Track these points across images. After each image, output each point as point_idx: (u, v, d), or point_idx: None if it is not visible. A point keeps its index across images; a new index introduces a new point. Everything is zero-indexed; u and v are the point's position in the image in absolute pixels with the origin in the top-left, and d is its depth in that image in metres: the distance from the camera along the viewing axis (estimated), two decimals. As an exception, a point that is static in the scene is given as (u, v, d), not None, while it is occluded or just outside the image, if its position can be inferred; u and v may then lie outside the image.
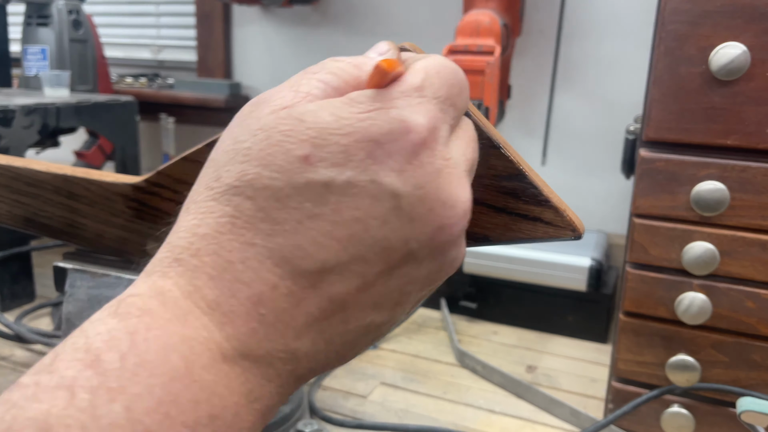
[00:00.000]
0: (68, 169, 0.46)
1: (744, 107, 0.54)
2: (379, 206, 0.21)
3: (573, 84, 1.08)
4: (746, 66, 0.52)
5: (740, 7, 0.52)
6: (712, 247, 0.56)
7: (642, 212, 0.59)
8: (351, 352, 0.24)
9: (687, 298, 0.58)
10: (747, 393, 0.55)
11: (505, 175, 0.39)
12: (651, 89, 0.56)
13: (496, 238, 0.41)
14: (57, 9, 1.19)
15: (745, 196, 0.55)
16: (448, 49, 0.82)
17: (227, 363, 0.21)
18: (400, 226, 0.22)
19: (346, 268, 0.22)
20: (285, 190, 0.21)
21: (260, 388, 0.22)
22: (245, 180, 0.22)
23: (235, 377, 0.21)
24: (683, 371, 0.60)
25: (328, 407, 0.71)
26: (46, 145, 1.18)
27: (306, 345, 0.22)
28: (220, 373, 0.20)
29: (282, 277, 0.21)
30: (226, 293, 0.21)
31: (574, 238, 0.40)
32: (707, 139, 0.55)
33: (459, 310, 0.96)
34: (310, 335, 0.22)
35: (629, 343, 0.62)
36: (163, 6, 1.54)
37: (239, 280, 0.21)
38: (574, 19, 1.06)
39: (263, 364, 0.21)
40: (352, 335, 0.23)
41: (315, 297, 0.22)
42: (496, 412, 0.71)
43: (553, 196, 0.40)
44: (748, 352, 0.58)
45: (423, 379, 0.78)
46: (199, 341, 0.20)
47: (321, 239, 0.21)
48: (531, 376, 0.79)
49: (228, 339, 0.21)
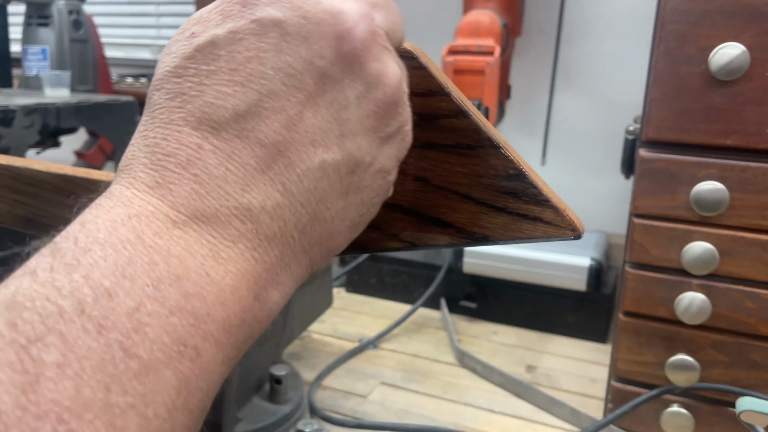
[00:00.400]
0: (69, 169, 0.47)
1: (744, 107, 0.54)
2: (267, 39, 0.22)
3: (573, 84, 1.08)
4: (746, 66, 0.52)
5: (740, 7, 0.52)
6: (711, 247, 0.56)
7: (642, 212, 0.59)
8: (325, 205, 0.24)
9: (686, 298, 0.58)
10: (746, 393, 0.55)
11: (505, 175, 0.39)
12: (651, 89, 0.56)
13: (496, 238, 0.41)
14: (57, 9, 1.19)
15: (744, 196, 0.55)
16: (448, 50, 0.82)
17: (179, 227, 0.21)
18: (296, 47, 0.22)
19: (260, 107, 0.22)
20: (181, 64, 0.23)
21: (227, 249, 0.22)
22: (156, 76, 0.23)
23: (192, 239, 0.21)
24: (683, 371, 0.60)
25: (328, 407, 0.71)
26: (46, 145, 1.19)
27: (258, 198, 0.22)
28: (173, 237, 0.21)
29: (203, 137, 0.22)
30: (159, 170, 0.22)
31: (573, 237, 0.40)
32: (707, 139, 0.55)
33: (459, 310, 0.96)
34: (258, 187, 0.22)
35: (629, 343, 0.62)
36: (163, 6, 1.54)
37: (168, 154, 0.22)
38: (574, 20, 1.06)
39: (218, 223, 0.22)
40: (308, 181, 0.23)
41: (244, 146, 0.22)
42: (495, 412, 0.71)
43: (553, 195, 0.40)
44: (747, 351, 0.58)
45: (423, 378, 0.78)
46: (145, 215, 0.21)
47: (224, 89, 0.22)
48: (531, 376, 0.79)
49: (173, 206, 0.21)
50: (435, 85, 0.40)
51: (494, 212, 0.40)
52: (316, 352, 0.84)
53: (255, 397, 0.64)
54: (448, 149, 0.40)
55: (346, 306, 0.99)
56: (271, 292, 0.23)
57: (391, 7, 0.26)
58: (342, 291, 1.04)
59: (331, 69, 0.23)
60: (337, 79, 0.23)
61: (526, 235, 0.40)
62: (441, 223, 0.42)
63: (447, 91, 0.40)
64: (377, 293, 1.02)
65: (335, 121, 0.23)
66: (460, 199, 0.41)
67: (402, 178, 0.42)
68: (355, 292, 1.03)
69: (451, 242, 0.42)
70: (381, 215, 0.44)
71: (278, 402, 0.64)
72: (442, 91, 0.40)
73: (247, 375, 0.62)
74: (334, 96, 0.23)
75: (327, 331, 0.90)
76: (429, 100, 0.40)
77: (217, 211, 0.22)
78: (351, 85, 0.23)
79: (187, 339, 0.20)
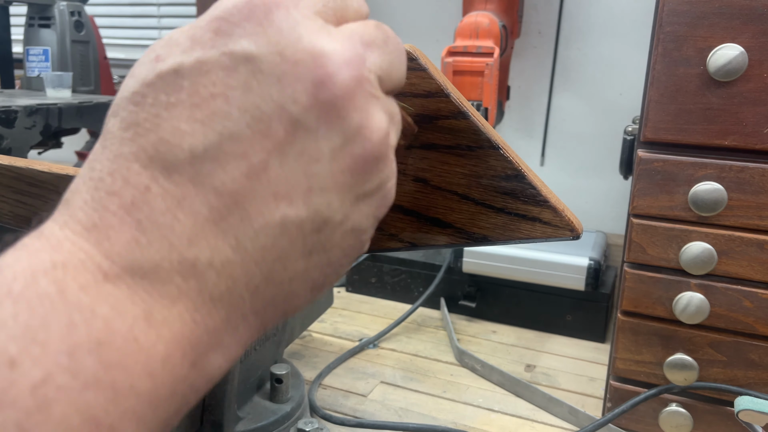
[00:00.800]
0: (71, 169, 0.47)
1: (742, 108, 0.54)
2: (236, 75, 0.20)
3: (571, 85, 1.09)
4: (744, 67, 0.53)
5: (738, 8, 0.52)
6: (709, 246, 0.57)
7: (640, 212, 0.59)
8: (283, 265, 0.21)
9: (685, 298, 0.58)
10: (745, 392, 0.56)
11: (504, 176, 0.39)
12: (649, 90, 0.57)
13: (495, 238, 0.41)
14: (59, 10, 1.19)
15: (742, 196, 0.55)
16: (447, 51, 0.83)
17: (111, 282, 0.18)
18: (267, 88, 0.20)
19: (220, 151, 0.19)
20: (140, 90, 0.20)
21: (163, 310, 0.19)
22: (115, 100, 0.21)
23: (124, 297, 0.18)
24: (681, 370, 0.60)
25: (328, 406, 0.71)
26: (48, 146, 1.19)
27: (206, 252, 0.19)
28: (102, 293, 0.18)
29: (153, 177, 0.19)
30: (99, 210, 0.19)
31: (572, 238, 0.41)
32: (705, 140, 0.56)
33: (458, 310, 0.96)
34: (207, 240, 0.19)
35: (627, 343, 0.62)
36: (164, 7, 1.55)
37: (111, 193, 0.19)
38: (573, 21, 1.06)
39: (157, 280, 0.19)
40: (265, 238, 0.20)
41: (197, 193, 0.19)
42: (495, 411, 0.72)
43: (552, 196, 0.40)
44: (745, 351, 0.58)
45: (423, 378, 0.78)
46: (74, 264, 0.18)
47: (182, 125, 0.19)
48: (530, 375, 0.80)
49: (108, 255, 0.19)
50: (434, 86, 0.40)
51: (493, 212, 0.41)
52: (316, 352, 0.84)
53: (256, 396, 0.65)
54: (448, 150, 0.40)
55: (346, 305, 0.99)
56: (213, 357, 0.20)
57: (391, 46, 0.23)
58: (342, 291, 1.04)
59: (305, 116, 0.20)
60: (310, 128, 0.20)
61: (525, 235, 0.41)
62: (440, 224, 0.42)
63: (446, 92, 0.40)
64: (377, 293, 1.02)
65: (304, 174, 0.20)
66: (459, 200, 0.41)
67: (402, 179, 0.43)
68: (355, 291, 1.04)
69: (450, 242, 0.42)
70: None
71: (279, 401, 0.64)
72: (441, 93, 0.40)
73: (248, 374, 0.63)
74: (305, 146, 0.20)
75: (327, 331, 0.91)
76: (428, 102, 0.40)
77: (158, 265, 0.19)
78: (326, 136, 0.20)
79: (102, 417, 0.17)
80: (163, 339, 0.19)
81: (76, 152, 1.33)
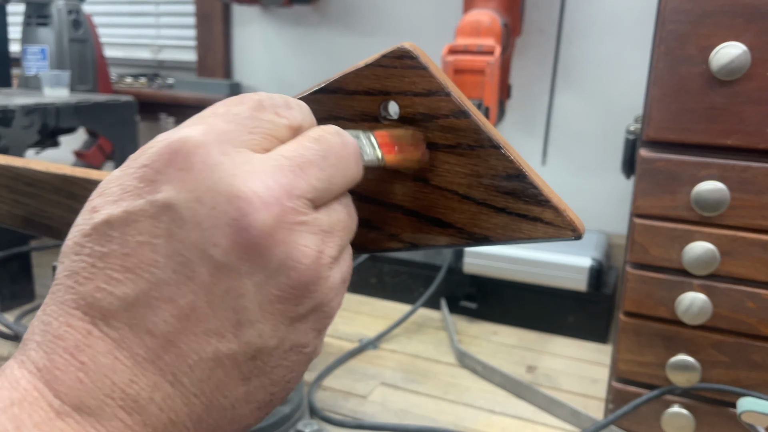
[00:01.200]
0: (68, 169, 0.46)
1: (744, 107, 0.53)
2: (159, 223, 0.21)
3: (573, 84, 1.08)
4: (746, 66, 0.52)
5: (740, 7, 0.52)
6: (712, 247, 0.56)
7: (642, 212, 0.59)
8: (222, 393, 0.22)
9: (687, 299, 0.58)
10: (747, 393, 0.55)
11: (505, 176, 0.39)
12: (651, 89, 0.56)
13: (496, 239, 0.41)
14: (57, 9, 1.19)
15: (745, 196, 0.55)
16: (448, 49, 0.82)
17: (61, 418, 0.20)
18: (188, 235, 0.21)
19: (150, 297, 0.21)
20: (79, 241, 0.22)
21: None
22: (65, 244, 0.23)
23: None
24: (683, 371, 0.59)
25: (328, 407, 0.71)
26: (45, 145, 1.18)
27: (146, 389, 0.21)
28: (55, 429, 0.20)
29: (93, 323, 0.21)
30: (49, 352, 0.21)
31: (574, 238, 0.40)
32: (707, 139, 0.55)
33: (459, 311, 0.96)
34: (147, 377, 0.21)
35: (629, 344, 0.62)
36: (162, 6, 1.54)
37: (57, 337, 0.21)
38: (574, 19, 1.06)
39: (103, 416, 0.21)
40: (200, 372, 0.22)
41: (134, 335, 0.21)
42: (496, 413, 0.71)
43: (553, 196, 0.40)
44: (748, 352, 0.58)
45: (423, 379, 0.78)
46: (29, 401, 0.20)
47: (115, 275, 0.21)
48: (531, 377, 0.79)
49: (58, 395, 0.20)
50: (435, 85, 0.40)
51: (494, 212, 0.40)
52: (315, 353, 0.84)
53: (255, 398, 0.64)
54: (448, 149, 0.40)
55: (346, 306, 0.99)
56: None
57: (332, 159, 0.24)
58: (342, 291, 1.04)
59: (226, 258, 0.21)
60: (233, 268, 0.21)
61: (526, 236, 0.40)
62: (441, 224, 0.42)
63: (447, 91, 0.39)
64: (377, 293, 1.02)
65: (231, 310, 0.22)
66: (460, 200, 0.40)
67: (402, 178, 0.42)
68: (355, 292, 1.03)
69: (451, 242, 0.42)
70: (381, 215, 0.44)
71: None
72: (442, 91, 0.39)
73: (247, 375, 0.62)
74: (229, 285, 0.21)
75: (327, 332, 0.90)
76: (429, 100, 0.39)
77: (102, 402, 0.21)
78: (249, 274, 0.21)
79: None
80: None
81: (74, 151, 1.33)
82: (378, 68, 0.40)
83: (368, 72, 0.41)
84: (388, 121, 0.41)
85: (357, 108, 0.42)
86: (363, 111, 0.41)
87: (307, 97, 0.43)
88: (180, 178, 0.21)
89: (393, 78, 0.40)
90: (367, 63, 0.41)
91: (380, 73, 0.40)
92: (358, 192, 0.43)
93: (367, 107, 0.41)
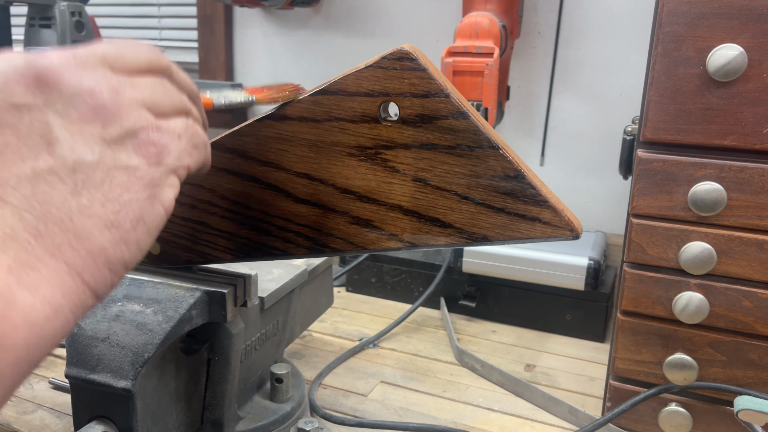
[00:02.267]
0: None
1: (741, 108, 0.54)
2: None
3: (571, 85, 1.09)
4: (743, 67, 0.53)
5: (737, 8, 0.52)
6: (709, 246, 0.57)
7: (639, 212, 0.59)
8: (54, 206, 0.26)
9: (684, 298, 0.58)
10: (744, 392, 0.56)
11: (504, 176, 0.39)
12: (648, 90, 0.57)
13: (494, 238, 0.41)
14: (59, 11, 1.19)
15: (742, 196, 0.55)
16: (447, 51, 0.83)
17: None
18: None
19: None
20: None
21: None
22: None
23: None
24: (681, 370, 0.60)
25: (328, 405, 0.71)
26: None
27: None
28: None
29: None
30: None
31: (572, 237, 0.41)
32: (704, 140, 0.56)
33: (458, 309, 0.96)
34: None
35: (627, 342, 0.62)
36: (164, 8, 1.55)
37: None
38: (573, 21, 1.07)
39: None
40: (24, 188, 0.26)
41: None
42: (495, 410, 0.72)
43: (552, 196, 0.40)
44: (745, 350, 0.58)
45: (422, 377, 0.79)
46: None
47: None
48: (530, 375, 0.80)
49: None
50: (434, 86, 0.40)
51: (493, 212, 0.41)
52: (316, 351, 0.84)
53: (256, 396, 0.65)
54: (447, 150, 0.40)
55: (346, 305, 0.99)
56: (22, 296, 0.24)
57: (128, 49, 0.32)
58: (342, 290, 1.04)
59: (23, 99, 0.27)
60: (31, 105, 0.27)
61: (524, 235, 0.41)
62: (440, 223, 0.42)
63: (446, 92, 0.40)
64: (377, 293, 1.02)
65: (39, 135, 0.27)
66: (459, 200, 0.41)
67: (402, 179, 0.43)
68: (355, 291, 1.04)
69: (450, 242, 0.42)
70: (381, 215, 0.44)
71: (279, 400, 0.64)
72: (441, 93, 0.40)
73: (248, 373, 0.63)
74: (32, 118, 0.27)
75: (327, 331, 0.91)
76: (428, 102, 0.40)
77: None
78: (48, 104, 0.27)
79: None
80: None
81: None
82: (378, 70, 0.41)
83: (368, 74, 0.41)
84: (388, 122, 0.42)
85: (357, 109, 0.42)
86: (363, 112, 0.42)
87: (308, 98, 0.44)
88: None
89: (393, 79, 0.40)
90: (367, 65, 0.41)
91: (380, 74, 0.41)
92: (359, 192, 0.44)
93: (368, 108, 0.42)
